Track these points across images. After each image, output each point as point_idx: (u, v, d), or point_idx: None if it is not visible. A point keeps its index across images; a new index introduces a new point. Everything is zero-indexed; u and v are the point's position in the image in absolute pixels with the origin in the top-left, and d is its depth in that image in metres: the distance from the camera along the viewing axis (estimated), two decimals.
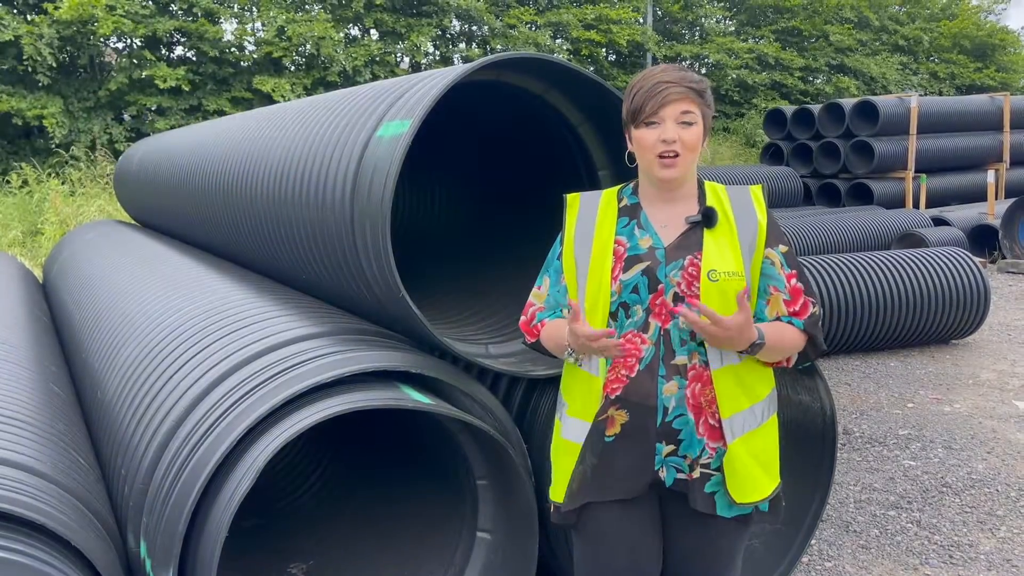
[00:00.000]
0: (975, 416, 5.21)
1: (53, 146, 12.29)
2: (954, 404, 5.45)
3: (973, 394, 5.65)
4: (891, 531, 3.71)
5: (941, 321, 6.61)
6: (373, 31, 16.24)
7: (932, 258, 6.70)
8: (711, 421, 1.97)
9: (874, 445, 4.74)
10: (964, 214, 11.52)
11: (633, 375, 1.98)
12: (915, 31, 24.76)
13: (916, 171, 13.48)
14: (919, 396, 5.64)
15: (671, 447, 1.98)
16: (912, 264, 6.59)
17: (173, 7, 13.95)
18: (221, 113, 13.35)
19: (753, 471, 1.99)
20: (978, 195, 13.93)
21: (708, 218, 2.00)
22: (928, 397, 5.61)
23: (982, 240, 10.80)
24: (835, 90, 21.30)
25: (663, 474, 2.00)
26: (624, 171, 2.97)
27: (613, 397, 2.00)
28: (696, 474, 1.99)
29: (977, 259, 6.84)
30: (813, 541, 3.55)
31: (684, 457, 1.99)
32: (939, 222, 10.95)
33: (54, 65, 12.43)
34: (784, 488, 2.17)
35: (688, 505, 2.02)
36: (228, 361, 2.57)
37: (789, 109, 15.10)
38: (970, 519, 3.81)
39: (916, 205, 13.21)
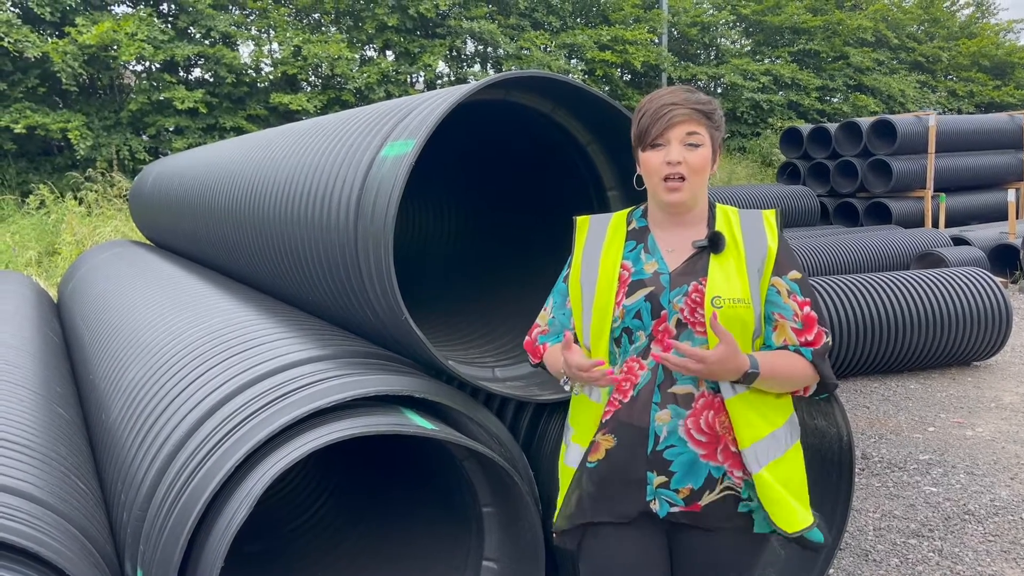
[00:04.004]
0: (998, 440, 5.08)
1: (78, 158, 12.40)
2: (976, 428, 5.33)
3: (996, 417, 5.53)
4: (912, 560, 3.60)
5: (962, 342, 6.49)
6: (389, 52, 16.33)
7: (952, 278, 6.59)
8: (732, 448, 1.91)
9: (894, 470, 4.63)
10: (984, 234, 11.35)
11: (626, 400, 1.94)
12: (934, 49, 24.62)
13: (935, 190, 13.34)
14: (940, 419, 5.51)
15: (663, 478, 1.91)
16: (932, 284, 6.48)
17: (192, 31, 14.11)
18: (238, 130, 13.49)
19: (787, 499, 1.93)
20: (998, 214, 13.78)
21: (715, 243, 1.94)
22: (949, 421, 5.49)
23: (1003, 260, 10.64)
24: (853, 108, 21.16)
25: (655, 506, 1.92)
26: (634, 191, 2.92)
27: (604, 421, 1.96)
28: (712, 498, 1.91)
29: (998, 279, 6.72)
30: (831, 571, 3.45)
31: (677, 491, 1.91)
32: (959, 242, 10.80)
33: (76, 86, 12.60)
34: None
35: (693, 529, 1.94)
36: (230, 384, 2.53)
37: (806, 128, 14.99)
38: (993, 548, 3.70)
39: (935, 224, 13.06)
